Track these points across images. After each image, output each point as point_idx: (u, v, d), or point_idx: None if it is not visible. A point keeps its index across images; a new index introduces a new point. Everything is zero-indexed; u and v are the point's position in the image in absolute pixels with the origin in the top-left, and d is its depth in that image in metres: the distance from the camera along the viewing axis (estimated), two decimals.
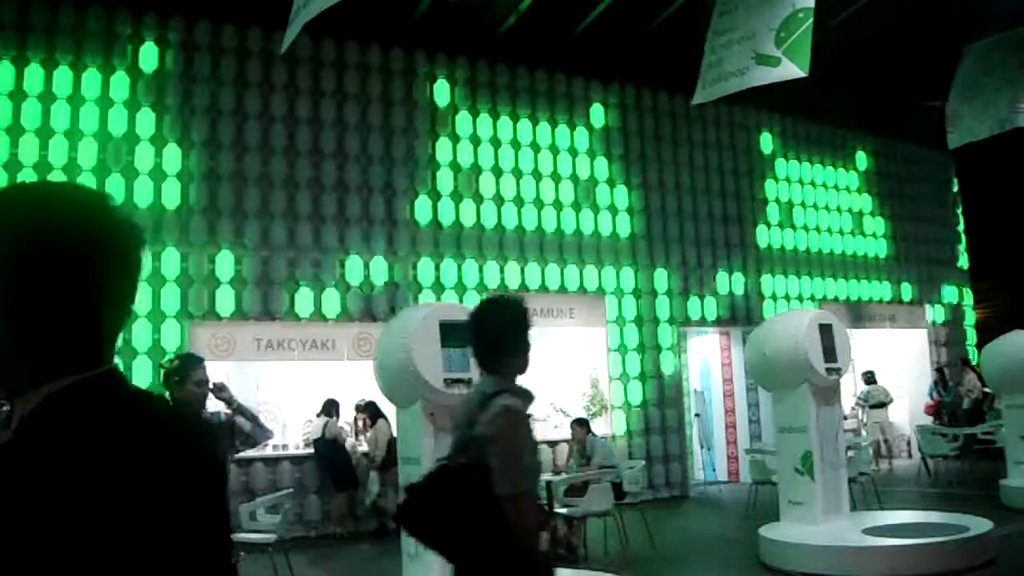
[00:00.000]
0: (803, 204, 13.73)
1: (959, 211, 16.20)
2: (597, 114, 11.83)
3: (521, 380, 2.56)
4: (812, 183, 13.94)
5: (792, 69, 7.23)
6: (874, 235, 14.55)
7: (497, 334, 2.56)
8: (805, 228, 13.67)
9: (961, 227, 16.17)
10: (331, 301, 9.70)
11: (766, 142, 13.49)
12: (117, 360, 1.06)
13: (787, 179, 13.62)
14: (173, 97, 9.31)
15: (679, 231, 12.21)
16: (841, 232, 14.10)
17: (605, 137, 11.84)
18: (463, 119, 10.86)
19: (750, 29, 7.74)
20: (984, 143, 11.72)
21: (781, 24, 7.34)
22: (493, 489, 2.31)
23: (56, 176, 8.61)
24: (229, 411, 4.15)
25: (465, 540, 2.33)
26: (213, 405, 4.22)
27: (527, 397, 2.52)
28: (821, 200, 13.99)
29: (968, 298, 15.99)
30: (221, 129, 9.49)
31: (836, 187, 14.25)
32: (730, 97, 8.80)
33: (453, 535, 2.35)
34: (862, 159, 14.74)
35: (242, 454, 9.14)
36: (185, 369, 3.79)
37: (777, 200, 13.42)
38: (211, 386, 3.98)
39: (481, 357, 2.60)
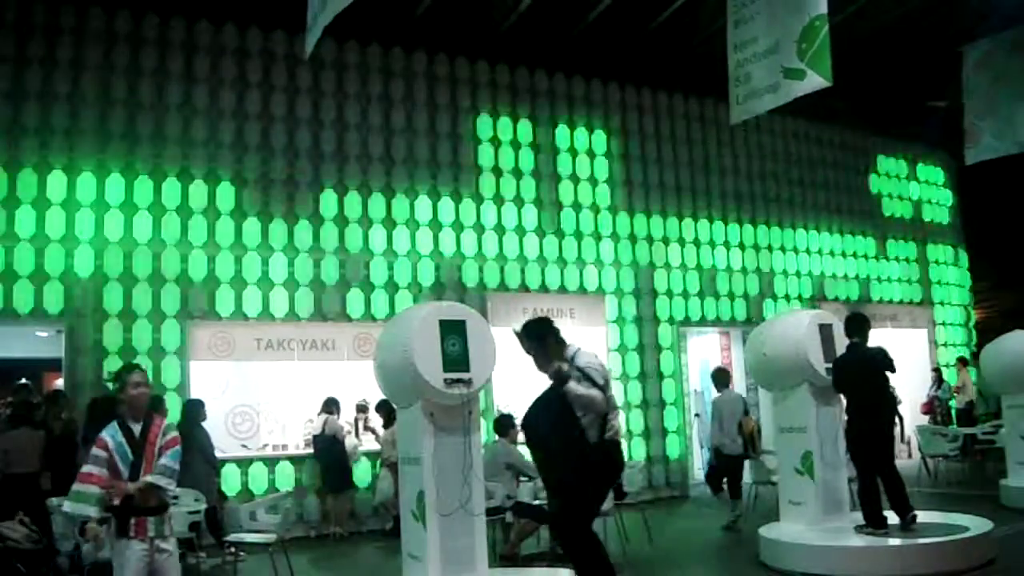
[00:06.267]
0: (803, 203, 13.74)
1: (959, 211, 16.19)
2: (598, 114, 11.83)
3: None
4: (812, 183, 13.94)
5: (817, 80, 7.20)
6: (873, 235, 14.55)
7: None
8: (805, 227, 13.67)
9: (961, 227, 16.16)
10: (331, 300, 9.70)
11: (765, 142, 13.48)
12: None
13: (787, 179, 13.62)
14: (173, 97, 9.31)
15: (679, 231, 12.21)
16: (841, 232, 14.11)
17: (606, 136, 11.83)
18: (463, 119, 10.86)
19: (772, 42, 7.64)
20: None
21: (801, 35, 7.30)
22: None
23: (55, 175, 8.63)
24: None
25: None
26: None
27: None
28: (820, 199, 13.99)
29: (968, 298, 15.99)
30: (221, 129, 9.50)
31: (836, 186, 14.24)
32: (725, 98, 8.78)
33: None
34: (861, 158, 14.73)
35: (241, 454, 9.18)
36: (120, 381, 4.35)
37: (777, 199, 13.43)
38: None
39: None
